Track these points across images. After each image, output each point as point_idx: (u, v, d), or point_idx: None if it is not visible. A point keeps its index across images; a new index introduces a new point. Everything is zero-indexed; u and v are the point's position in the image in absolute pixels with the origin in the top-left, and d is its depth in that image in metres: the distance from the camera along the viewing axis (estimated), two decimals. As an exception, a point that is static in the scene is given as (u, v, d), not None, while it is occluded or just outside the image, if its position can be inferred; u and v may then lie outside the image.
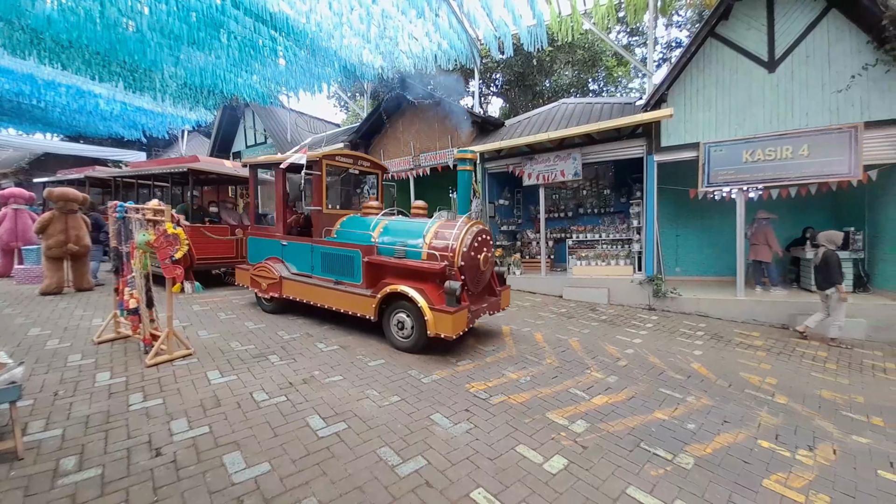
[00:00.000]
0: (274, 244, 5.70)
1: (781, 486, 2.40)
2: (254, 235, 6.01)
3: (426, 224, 4.73)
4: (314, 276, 5.24)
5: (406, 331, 4.37)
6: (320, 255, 5.16)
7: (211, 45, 6.55)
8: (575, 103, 9.73)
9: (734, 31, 6.73)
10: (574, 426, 2.97)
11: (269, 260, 5.71)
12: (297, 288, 5.31)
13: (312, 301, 5.15)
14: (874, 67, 5.84)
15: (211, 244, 7.43)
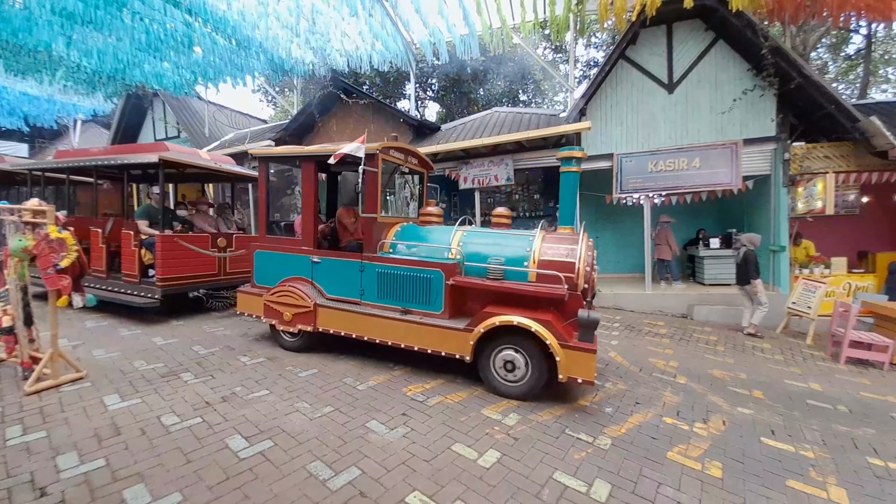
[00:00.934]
0: (298, 261, 4.42)
1: (682, 457, 2.72)
2: (265, 249, 4.65)
3: (526, 237, 3.88)
4: (365, 302, 4.11)
5: (518, 373, 3.45)
6: (376, 275, 4.03)
7: (112, 26, 5.78)
8: (506, 112, 10.20)
9: (641, 56, 7.56)
10: (507, 419, 3.10)
11: (291, 281, 4.40)
12: (339, 318, 4.11)
13: (365, 336, 3.99)
14: (752, 92, 6.92)
15: (189, 259, 5.68)
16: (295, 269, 4.46)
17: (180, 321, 5.64)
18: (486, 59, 16.23)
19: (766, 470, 2.62)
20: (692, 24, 7.18)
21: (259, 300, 4.53)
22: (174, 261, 5.48)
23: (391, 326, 3.87)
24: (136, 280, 5.57)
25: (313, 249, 4.38)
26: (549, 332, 3.24)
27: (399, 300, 3.95)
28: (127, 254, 5.65)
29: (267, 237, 4.75)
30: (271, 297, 4.41)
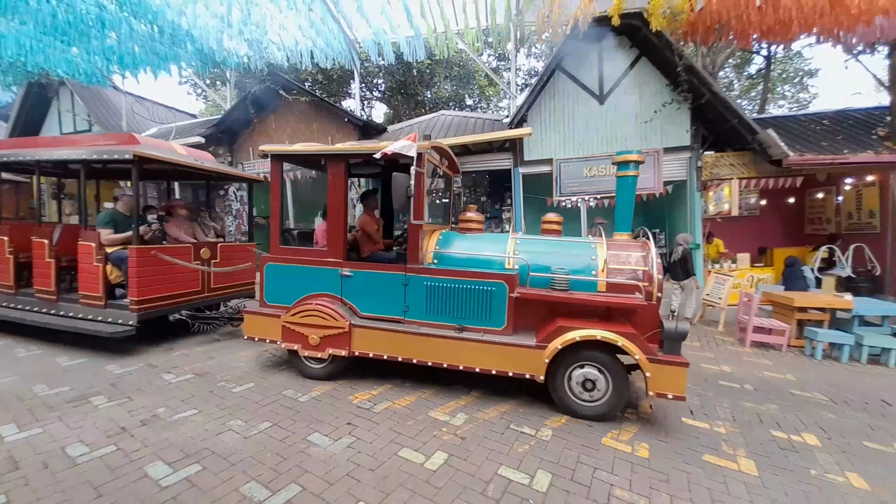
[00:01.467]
0: (323, 274, 3.86)
1: (615, 442, 2.92)
2: (279, 262, 4.00)
3: (587, 244, 3.68)
4: (410, 320, 3.67)
5: (597, 392, 3.21)
6: (425, 289, 3.61)
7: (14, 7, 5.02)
8: (453, 116, 10.35)
9: (575, 68, 8.06)
10: (455, 420, 3.13)
11: (314, 299, 3.84)
12: (380, 340, 3.64)
13: (413, 358, 3.55)
14: (670, 105, 7.65)
15: (170, 275, 4.70)
16: (319, 285, 3.86)
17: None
18: (433, 63, 16.36)
19: (686, 447, 2.90)
20: (619, 42, 7.79)
21: (274, 322, 3.87)
22: (152, 278, 4.49)
23: (443, 346, 3.47)
24: (100, 303, 4.47)
25: (343, 261, 3.82)
26: (636, 346, 3.04)
27: (453, 316, 3.56)
28: (87, 270, 4.50)
29: (281, 248, 4.04)
30: (292, 317, 3.77)
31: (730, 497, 2.36)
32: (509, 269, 3.59)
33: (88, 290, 4.54)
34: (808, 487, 2.48)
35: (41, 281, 4.83)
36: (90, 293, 4.53)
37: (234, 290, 5.75)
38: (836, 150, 7.13)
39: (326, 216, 4.07)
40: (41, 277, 4.83)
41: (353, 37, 9.29)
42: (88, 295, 4.54)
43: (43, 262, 4.80)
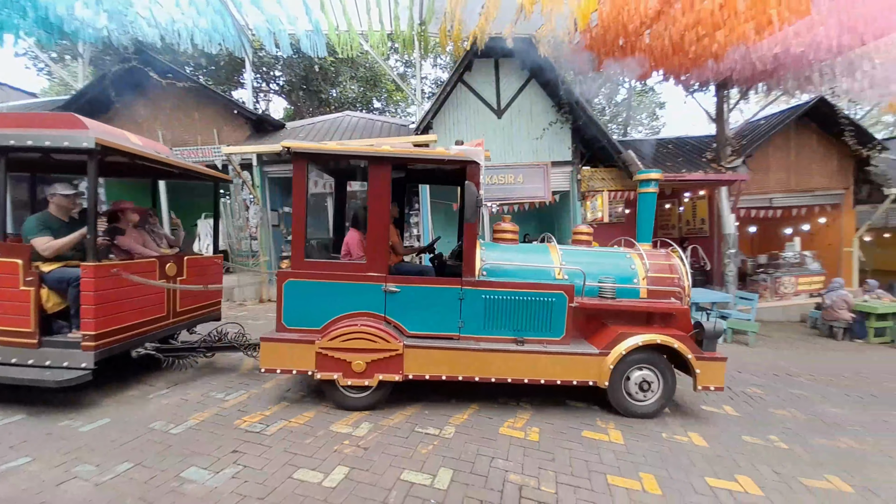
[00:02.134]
0: (362, 291, 3.42)
1: (511, 430, 3.15)
2: (304, 278, 3.41)
3: (623, 254, 3.88)
4: (466, 335, 3.46)
5: (651, 392, 3.42)
6: (483, 302, 3.44)
7: None
8: (358, 117, 10.12)
9: (476, 82, 8.56)
10: (358, 431, 3.03)
11: (353, 318, 3.38)
12: (434, 359, 3.36)
13: (472, 376, 3.35)
14: (555, 124, 8.59)
15: (134, 299, 3.65)
16: (356, 303, 3.42)
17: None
18: (337, 61, 15.79)
19: (569, 426, 3.26)
20: (513, 62, 8.51)
21: (304, 349, 3.30)
22: (112, 304, 3.42)
23: (502, 360, 3.37)
24: (32, 341, 3.30)
25: (387, 275, 3.42)
26: (687, 347, 3.31)
27: (511, 329, 3.48)
28: (8, 298, 3.30)
29: (306, 262, 3.46)
30: (331, 342, 3.27)
31: (602, 465, 2.72)
32: (560, 279, 3.63)
33: (11, 325, 3.30)
34: (661, 448, 2.99)
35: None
36: (15, 328, 3.30)
37: (202, 313, 4.69)
38: (677, 170, 8.81)
39: (357, 225, 3.77)
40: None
41: (244, 22, 8.48)
42: (11, 331, 3.30)
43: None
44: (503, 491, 2.37)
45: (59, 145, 3.19)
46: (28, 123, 3.37)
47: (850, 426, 3.56)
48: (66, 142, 3.17)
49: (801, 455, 3.00)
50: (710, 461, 2.83)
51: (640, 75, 7.35)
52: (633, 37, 5.79)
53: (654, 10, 5.04)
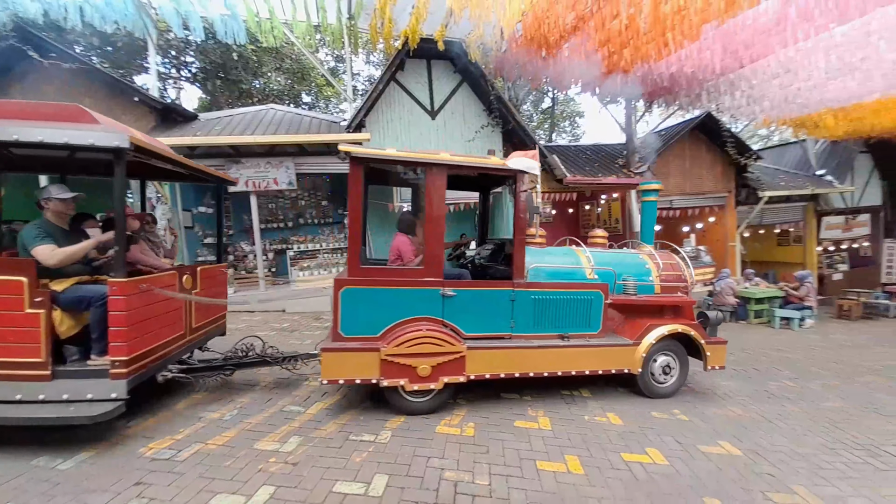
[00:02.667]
0: (420, 296, 3.41)
1: (447, 428, 3.19)
2: (360, 285, 3.30)
3: (636, 254, 4.43)
4: (517, 334, 3.66)
5: (671, 375, 3.99)
6: (532, 303, 3.66)
7: None
8: (284, 111, 9.52)
9: (409, 82, 8.52)
10: (286, 446, 2.84)
11: (413, 323, 3.37)
12: (491, 359, 3.50)
13: (524, 372, 3.56)
14: (486, 128, 8.86)
15: (159, 317, 3.21)
16: (414, 308, 3.41)
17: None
18: (259, 50, 14.72)
19: (502, 418, 3.39)
20: (445, 65, 8.62)
21: (367, 357, 3.22)
22: (141, 324, 2.96)
23: (548, 355, 3.62)
24: (44, 373, 2.74)
25: (444, 280, 3.44)
26: (699, 334, 3.91)
27: (556, 326, 3.75)
28: (13, 322, 2.71)
29: (362, 268, 3.39)
30: (396, 348, 3.24)
31: (532, 452, 2.87)
32: (591, 278, 3.97)
33: (16, 356, 2.72)
34: (583, 429, 3.24)
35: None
36: (20, 359, 2.72)
37: (212, 328, 4.27)
38: (594, 174, 9.62)
39: (406, 230, 3.84)
40: None
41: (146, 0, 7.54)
42: (16, 363, 2.72)
43: None
44: (438, 489, 2.39)
45: (84, 143, 2.62)
46: (24, 115, 2.78)
47: (738, 397, 4.15)
48: (92, 139, 2.62)
49: (699, 425, 3.43)
50: (624, 437, 3.13)
51: (562, 85, 7.89)
52: (555, 48, 6.20)
53: (570, 25, 5.46)
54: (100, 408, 2.67)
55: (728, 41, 5.52)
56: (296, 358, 3.86)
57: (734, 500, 2.40)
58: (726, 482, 2.58)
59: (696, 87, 7.17)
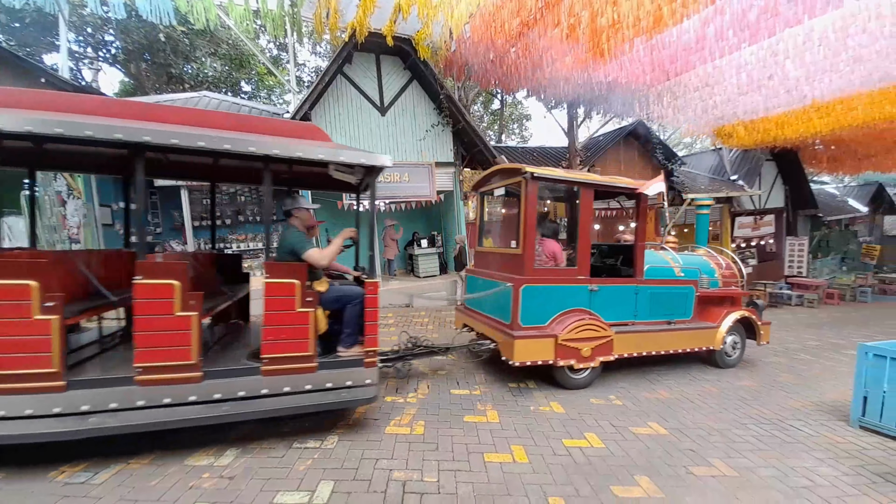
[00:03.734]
0: (574, 292, 4.09)
1: (396, 427, 3.16)
2: (535, 283, 3.90)
3: (699, 255, 5.42)
4: (638, 321, 4.48)
5: (737, 350, 4.99)
6: (649, 296, 4.50)
7: None
8: (220, 99, 8.88)
9: (357, 76, 8.30)
10: (221, 460, 2.66)
11: (571, 314, 4.02)
12: (625, 342, 4.28)
13: (645, 352, 4.44)
14: (437, 126, 8.88)
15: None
16: (571, 301, 4.10)
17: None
18: (191, 32, 13.56)
19: (452, 414, 3.43)
20: (394, 61, 8.51)
21: (546, 343, 3.88)
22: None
23: (657, 338, 4.46)
24: (311, 366, 2.90)
25: (590, 278, 4.20)
26: (756, 318, 4.97)
27: (664, 314, 4.61)
28: (284, 321, 2.85)
29: (535, 269, 4.02)
30: (568, 334, 3.92)
31: (480, 445, 2.93)
32: (679, 276, 4.78)
33: (288, 351, 2.89)
34: (529, 420, 3.37)
35: (165, 353, 2.59)
36: (292, 353, 2.89)
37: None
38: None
39: (552, 235, 4.51)
40: (168, 345, 2.60)
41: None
42: (288, 357, 2.88)
43: (170, 318, 2.58)
44: (386, 491, 2.36)
45: (374, 163, 2.99)
46: (276, 131, 3.13)
47: (665, 380, 4.54)
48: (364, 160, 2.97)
49: (631, 408, 3.71)
50: (566, 424, 3.31)
51: (509, 88, 8.13)
52: (502, 52, 6.36)
53: (516, 30, 5.64)
54: (367, 392, 3.03)
55: (656, 55, 6.02)
56: (451, 349, 4.50)
57: (661, 475, 2.63)
58: (654, 459, 2.82)
59: (628, 96, 7.73)
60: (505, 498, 2.34)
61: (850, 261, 14.17)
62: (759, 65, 6.34)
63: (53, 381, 2.42)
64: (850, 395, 3.55)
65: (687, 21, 5.18)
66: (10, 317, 2.35)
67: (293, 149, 2.81)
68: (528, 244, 3.92)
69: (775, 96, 7.29)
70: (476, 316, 4.64)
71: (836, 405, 3.86)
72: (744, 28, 5.27)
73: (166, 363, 2.59)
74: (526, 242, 3.91)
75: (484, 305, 4.52)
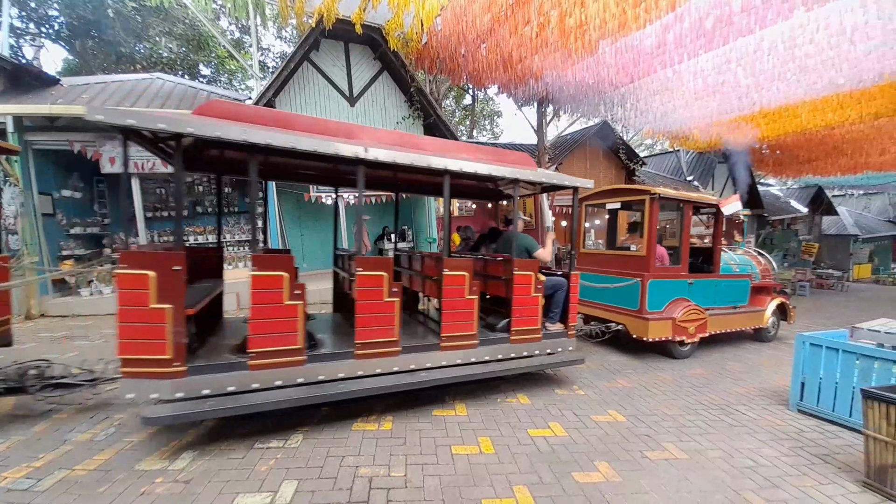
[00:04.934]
0: (680, 284, 5.27)
1: (363, 423, 3.13)
2: (659, 278, 5.09)
3: (743, 255, 6.49)
4: (716, 307, 5.56)
5: (774, 328, 6.34)
6: (724, 287, 5.69)
7: None
8: (175, 82, 8.34)
9: (324, 64, 8.04)
10: (176, 463, 2.53)
11: (679, 302, 5.19)
12: (713, 322, 5.45)
13: (721, 330, 5.59)
14: (407, 119, 8.78)
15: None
16: (676, 292, 5.18)
17: None
18: (143, 9, 12.62)
19: (421, 408, 3.43)
20: (364, 50, 8.32)
21: (667, 324, 4.99)
22: None
23: (724, 319, 5.60)
24: (538, 337, 3.96)
25: (689, 274, 5.31)
26: (788, 303, 6.39)
27: (730, 301, 5.78)
28: (526, 303, 3.85)
29: (657, 268, 5.05)
30: (682, 317, 5.05)
31: (448, 438, 2.96)
32: (736, 271, 5.95)
33: (527, 325, 3.88)
34: (496, 411, 3.43)
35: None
36: (529, 327, 3.89)
37: None
38: (511, 171, 10.18)
39: (661, 241, 5.40)
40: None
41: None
42: (527, 329, 3.89)
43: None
44: (352, 488, 2.34)
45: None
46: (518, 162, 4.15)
47: (624, 370, 4.76)
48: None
49: (593, 397, 3.87)
50: (531, 415, 3.40)
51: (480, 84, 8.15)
52: (473, 47, 6.36)
53: (487, 26, 5.65)
54: (574, 356, 4.14)
55: (620, 58, 6.22)
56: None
57: (618, 460, 2.76)
58: (613, 445, 2.95)
59: (594, 97, 7.96)
60: (471, 489, 2.37)
61: (791, 257, 15.38)
62: (714, 71, 6.71)
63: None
64: (789, 382, 3.86)
65: (649, 26, 5.38)
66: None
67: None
68: (650, 249, 4.97)
69: (727, 102, 7.75)
70: (590, 304, 5.70)
71: (777, 391, 4.18)
72: (700, 35, 5.55)
73: None
74: (649, 247, 4.97)
75: (604, 295, 5.49)
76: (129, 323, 2.40)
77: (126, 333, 2.40)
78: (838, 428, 3.32)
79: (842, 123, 8.74)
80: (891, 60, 5.89)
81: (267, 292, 2.76)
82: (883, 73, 6.19)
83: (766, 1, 4.89)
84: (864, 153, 11.11)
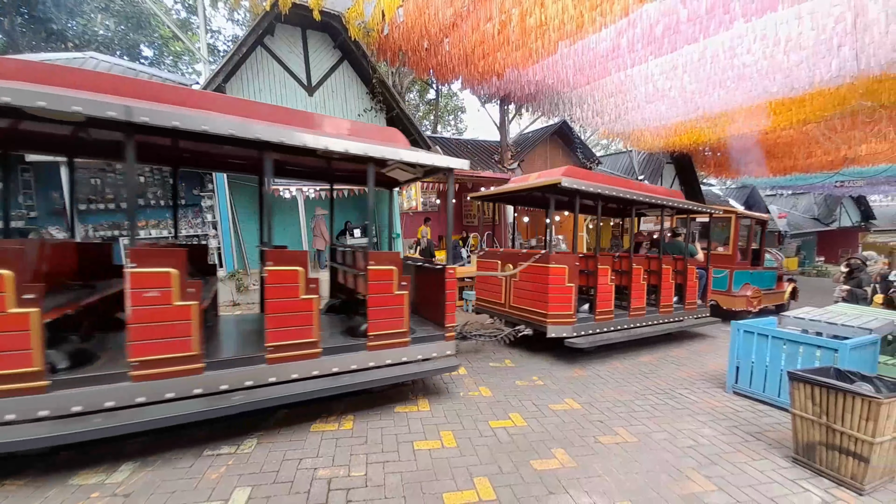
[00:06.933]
0: (746, 273, 7.53)
1: (322, 424, 3.05)
2: (739, 270, 7.41)
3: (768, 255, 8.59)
4: (762, 289, 7.66)
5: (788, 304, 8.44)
6: (766, 276, 7.98)
7: None
8: (111, 63, 7.63)
9: (280, 50, 7.67)
10: (114, 476, 2.34)
11: (745, 286, 7.40)
12: (765, 298, 7.64)
13: (767, 305, 7.72)
14: (369, 111, 8.58)
15: None
16: (744, 279, 7.48)
17: None
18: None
19: (383, 405, 3.40)
20: (323, 37, 8.02)
21: (742, 299, 7.25)
22: None
23: (766, 298, 7.63)
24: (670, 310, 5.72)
25: (750, 265, 7.67)
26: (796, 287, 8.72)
27: (767, 285, 7.90)
28: (668, 288, 5.66)
29: (739, 262, 7.47)
30: (751, 295, 7.28)
31: (410, 434, 2.95)
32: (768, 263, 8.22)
33: (668, 301, 5.64)
34: (459, 405, 3.45)
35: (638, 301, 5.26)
36: (668, 304, 5.66)
37: None
38: (475, 168, 10.25)
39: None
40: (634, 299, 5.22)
41: None
42: (670, 305, 5.68)
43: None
44: (310, 491, 2.27)
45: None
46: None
47: (580, 360, 4.95)
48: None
49: (551, 387, 4.00)
50: (492, 407, 3.46)
51: (442, 78, 8.12)
52: (436, 41, 6.31)
53: (450, 20, 5.62)
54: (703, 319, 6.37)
55: (578, 59, 6.42)
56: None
57: (574, 446, 2.88)
58: (569, 432, 3.08)
59: (554, 96, 8.19)
60: (433, 483, 2.38)
61: (729, 251, 16.72)
62: (662, 77, 7.11)
63: None
64: (726, 366, 4.19)
65: (605, 30, 5.60)
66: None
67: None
68: (734, 250, 7.40)
69: (675, 106, 8.25)
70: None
71: (715, 375, 4.54)
72: (651, 41, 5.85)
73: None
74: (733, 248, 7.41)
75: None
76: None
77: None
78: (769, 407, 3.66)
79: (774, 129, 9.58)
80: (820, 70, 6.51)
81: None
82: (812, 81, 6.83)
83: (710, 11, 5.23)
84: (792, 156, 12.26)
